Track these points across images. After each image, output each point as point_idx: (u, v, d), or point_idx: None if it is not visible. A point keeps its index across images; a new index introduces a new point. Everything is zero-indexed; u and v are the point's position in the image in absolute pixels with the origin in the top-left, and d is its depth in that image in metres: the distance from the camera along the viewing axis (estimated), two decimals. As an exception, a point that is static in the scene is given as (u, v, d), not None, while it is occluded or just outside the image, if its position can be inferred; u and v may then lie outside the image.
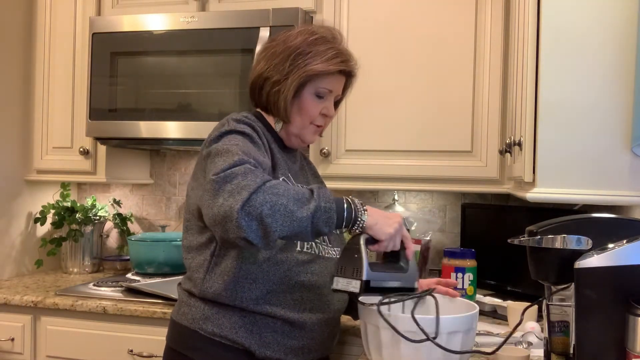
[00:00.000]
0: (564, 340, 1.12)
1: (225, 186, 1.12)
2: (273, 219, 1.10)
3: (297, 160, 1.50)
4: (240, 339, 1.30)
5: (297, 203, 1.13)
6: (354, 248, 1.18)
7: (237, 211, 1.08)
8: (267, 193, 1.11)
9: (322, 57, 1.34)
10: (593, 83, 1.25)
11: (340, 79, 1.42)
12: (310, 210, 1.13)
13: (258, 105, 1.44)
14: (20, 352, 2.04)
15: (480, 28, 1.99)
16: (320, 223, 1.15)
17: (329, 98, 1.41)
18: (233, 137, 1.27)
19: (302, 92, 1.36)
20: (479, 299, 1.89)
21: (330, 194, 1.19)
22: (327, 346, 1.44)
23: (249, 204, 1.09)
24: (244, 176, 1.13)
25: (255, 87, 1.41)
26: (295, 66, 1.33)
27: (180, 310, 1.39)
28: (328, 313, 1.39)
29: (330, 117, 1.44)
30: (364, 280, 1.15)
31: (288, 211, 1.11)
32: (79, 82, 2.33)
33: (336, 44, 1.39)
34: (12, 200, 2.40)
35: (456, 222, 2.34)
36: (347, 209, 1.18)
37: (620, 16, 1.23)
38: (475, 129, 1.99)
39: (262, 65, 1.38)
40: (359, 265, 1.16)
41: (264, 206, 1.10)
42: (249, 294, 1.30)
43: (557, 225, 1.09)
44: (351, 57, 1.41)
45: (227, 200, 1.10)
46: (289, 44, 1.36)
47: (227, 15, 2.09)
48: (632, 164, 1.24)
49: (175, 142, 2.18)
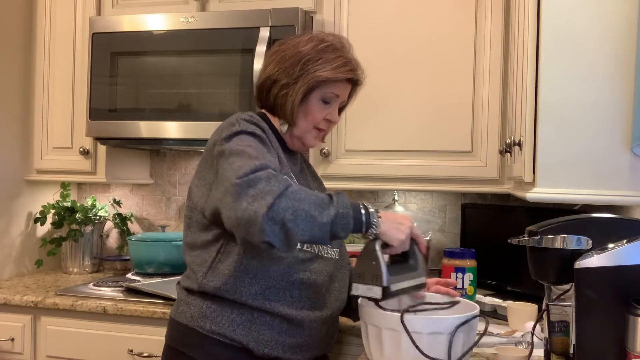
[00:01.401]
0: (564, 340, 1.12)
1: (249, 190, 1.14)
2: (295, 224, 1.13)
3: (297, 162, 1.52)
4: (238, 336, 1.31)
5: (317, 208, 1.15)
6: (370, 254, 1.20)
7: (262, 216, 1.11)
8: (289, 198, 1.14)
9: (331, 65, 1.38)
10: (593, 83, 1.25)
11: (347, 87, 1.46)
12: (330, 216, 1.16)
13: (264, 107, 1.46)
14: (20, 352, 2.04)
15: (480, 28, 1.99)
16: (338, 228, 1.17)
17: (334, 104, 1.44)
18: (245, 138, 1.29)
19: (309, 96, 1.39)
20: (479, 299, 1.89)
21: (348, 200, 1.21)
22: (325, 344, 1.45)
23: (272, 210, 1.12)
24: (267, 181, 1.15)
25: (263, 89, 1.43)
26: (305, 71, 1.37)
27: (178, 309, 1.40)
28: (326, 311, 1.40)
29: (334, 122, 1.46)
30: (385, 287, 1.17)
31: (310, 217, 1.14)
32: (79, 82, 2.33)
33: (345, 52, 1.42)
34: (12, 200, 2.40)
35: (456, 222, 2.34)
36: (364, 215, 1.20)
37: (620, 16, 1.23)
38: (475, 129, 1.99)
39: (271, 68, 1.41)
40: (378, 272, 1.18)
41: (286, 211, 1.13)
42: (248, 288, 1.32)
43: (557, 225, 1.09)
44: (359, 66, 1.45)
45: (252, 205, 1.13)
46: (300, 49, 1.39)
47: (227, 15, 2.09)
48: (632, 164, 1.24)
49: (175, 142, 2.18)
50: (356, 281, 1.21)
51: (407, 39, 2.04)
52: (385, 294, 1.17)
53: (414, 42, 2.04)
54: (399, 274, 1.23)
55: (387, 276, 1.17)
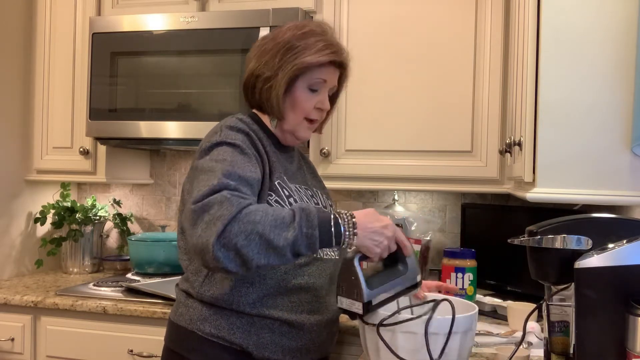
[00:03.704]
0: (564, 340, 1.12)
1: (203, 216, 1.12)
2: (249, 249, 1.10)
3: (294, 159, 1.48)
4: (237, 339, 1.30)
5: (274, 231, 1.11)
6: (349, 269, 1.17)
7: (212, 244, 1.09)
8: (242, 222, 1.10)
9: (312, 50, 1.33)
10: (593, 83, 1.25)
11: (334, 71, 1.40)
12: (287, 239, 1.11)
13: (253, 106, 1.43)
14: (20, 352, 2.04)
15: (480, 28, 1.99)
16: (301, 248, 1.13)
17: (323, 91, 1.39)
18: (223, 151, 1.25)
19: (294, 86, 1.34)
20: (479, 299, 1.89)
21: (315, 214, 1.15)
22: (326, 347, 1.43)
23: (223, 236, 1.09)
24: (219, 205, 1.11)
25: (248, 87, 1.39)
26: (285, 61, 1.32)
27: (178, 311, 1.38)
28: (326, 314, 1.39)
29: (325, 110, 1.41)
30: (365, 302, 1.16)
31: (264, 241, 1.10)
32: (79, 82, 2.33)
33: (326, 35, 1.37)
34: (12, 200, 2.40)
35: (456, 222, 2.34)
36: (333, 232, 1.15)
37: (620, 16, 1.23)
38: (475, 129, 1.99)
39: (253, 64, 1.37)
40: (358, 288, 1.16)
41: (238, 237, 1.09)
42: (245, 298, 1.30)
43: (557, 225, 1.08)
44: (342, 48, 1.39)
45: (205, 232, 1.10)
46: (278, 40, 1.34)
47: (227, 15, 2.09)
48: (632, 164, 1.24)
49: (175, 142, 2.18)
50: (340, 294, 1.19)
51: (407, 39, 2.04)
52: (366, 310, 1.16)
53: (414, 42, 2.04)
54: (385, 283, 1.20)
55: (367, 292, 1.15)
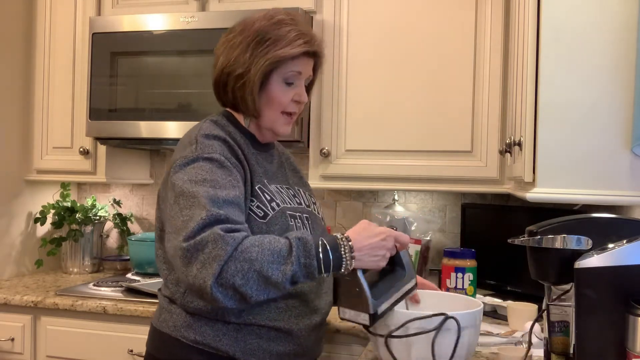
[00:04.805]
0: (564, 340, 1.12)
1: (197, 255, 1.09)
2: (248, 287, 1.09)
3: (274, 158, 1.42)
4: (224, 346, 1.25)
5: (271, 267, 1.09)
6: (353, 282, 1.17)
7: (210, 286, 1.07)
8: (238, 261, 1.08)
9: (284, 41, 1.26)
10: (593, 83, 1.25)
11: (308, 61, 1.33)
12: (286, 273, 1.10)
13: (226, 104, 1.36)
14: (20, 352, 2.04)
15: (480, 28, 1.99)
16: (300, 279, 1.13)
17: (299, 83, 1.33)
18: (200, 168, 1.19)
19: (268, 81, 1.28)
20: (479, 299, 1.89)
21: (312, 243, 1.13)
22: (315, 350, 1.40)
23: (221, 277, 1.07)
24: (214, 244, 1.08)
25: (219, 85, 1.33)
26: (257, 55, 1.25)
27: (160, 317, 1.33)
28: (315, 318, 1.35)
29: (303, 103, 1.35)
30: (372, 314, 1.16)
31: (262, 278, 1.09)
32: (79, 82, 2.33)
33: (297, 25, 1.29)
34: (12, 200, 2.40)
35: (456, 222, 2.34)
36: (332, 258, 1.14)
37: (620, 16, 1.23)
38: (475, 129, 1.99)
39: (222, 60, 1.30)
40: (363, 300, 1.16)
41: (235, 277, 1.08)
42: (231, 308, 1.24)
43: (557, 225, 1.08)
44: (314, 37, 1.32)
45: (201, 272, 1.08)
46: (247, 32, 1.27)
47: (227, 15, 2.09)
48: (632, 164, 1.24)
49: (175, 142, 2.13)
50: (343, 305, 1.19)
51: (407, 39, 2.04)
52: (373, 320, 1.16)
53: (414, 42, 2.04)
54: (387, 291, 1.21)
55: (373, 303, 1.16)
